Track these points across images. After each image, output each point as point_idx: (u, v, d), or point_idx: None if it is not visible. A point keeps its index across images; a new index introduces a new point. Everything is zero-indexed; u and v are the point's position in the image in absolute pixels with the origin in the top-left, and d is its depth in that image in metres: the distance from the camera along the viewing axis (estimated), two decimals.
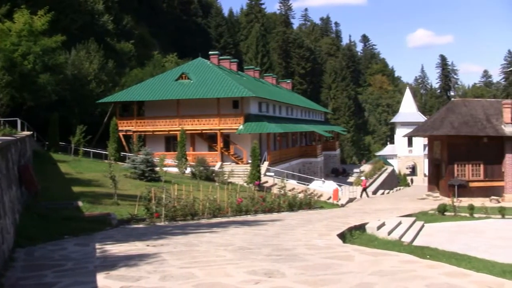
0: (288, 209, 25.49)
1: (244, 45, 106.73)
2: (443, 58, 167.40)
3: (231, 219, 18.97)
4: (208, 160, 40.62)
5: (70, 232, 12.39)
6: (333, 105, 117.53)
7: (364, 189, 46.97)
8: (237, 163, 45.75)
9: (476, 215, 29.57)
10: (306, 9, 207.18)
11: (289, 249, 9.91)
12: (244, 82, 52.63)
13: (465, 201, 38.03)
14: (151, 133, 47.81)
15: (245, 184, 34.28)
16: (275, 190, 33.58)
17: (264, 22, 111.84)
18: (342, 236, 13.39)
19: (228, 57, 62.51)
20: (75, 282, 6.60)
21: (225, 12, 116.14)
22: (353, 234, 15.08)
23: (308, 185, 43.91)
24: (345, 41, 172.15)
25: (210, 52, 57.25)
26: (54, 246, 10.06)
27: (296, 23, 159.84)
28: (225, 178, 34.21)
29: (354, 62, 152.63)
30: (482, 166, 44.62)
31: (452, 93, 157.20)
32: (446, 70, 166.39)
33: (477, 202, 37.71)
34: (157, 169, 32.55)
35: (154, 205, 16.79)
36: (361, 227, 17.01)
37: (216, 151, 46.57)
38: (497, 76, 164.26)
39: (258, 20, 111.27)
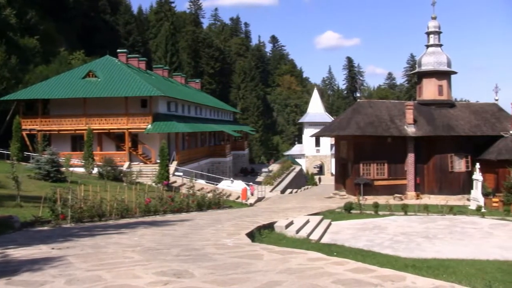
0: (197, 209, 25.46)
1: (153, 43, 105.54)
2: (349, 60, 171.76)
3: (140, 219, 18.75)
4: (115, 160, 39.98)
5: None
6: (242, 105, 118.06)
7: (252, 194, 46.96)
8: (146, 163, 45.25)
9: (380, 213, 30.61)
10: (216, 9, 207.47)
11: (198, 249, 9.93)
12: (153, 81, 52.09)
13: (370, 199, 39.31)
14: (56, 132, 46.41)
15: (153, 184, 33.95)
16: (184, 190, 33.44)
17: (174, 21, 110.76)
18: (251, 235, 13.52)
19: (137, 55, 61.62)
20: None
21: (134, 10, 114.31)
22: (262, 233, 15.26)
23: (217, 184, 43.99)
24: (254, 41, 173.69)
25: (118, 50, 56.23)
26: None
27: (206, 22, 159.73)
28: (133, 178, 33.78)
29: (263, 63, 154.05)
30: (386, 165, 46.11)
31: (358, 94, 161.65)
32: (353, 72, 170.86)
33: (382, 200, 39.10)
34: (63, 169, 31.68)
35: (59, 206, 16.32)
36: (270, 226, 17.22)
37: (124, 150, 45.86)
38: (400, 79, 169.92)
39: (167, 18, 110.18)
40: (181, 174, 42.67)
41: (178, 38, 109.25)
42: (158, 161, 39.25)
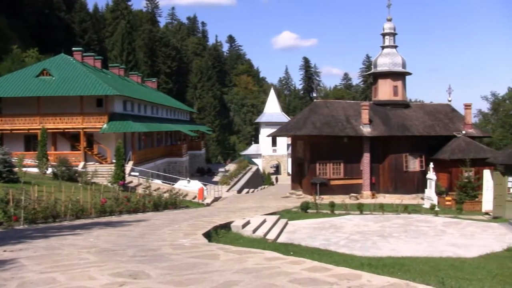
0: (153, 209, 25.29)
1: (109, 42, 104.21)
2: (306, 61, 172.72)
3: (95, 220, 18.51)
4: (70, 160, 39.36)
5: None
6: (198, 105, 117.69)
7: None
8: (101, 163, 44.70)
9: (336, 212, 30.86)
10: (173, 8, 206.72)
11: (154, 249, 9.85)
12: (109, 80, 51.48)
13: (326, 199, 39.60)
14: (9, 131, 45.40)
15: (109, 184, 33.54)
16: (140, 190, 33.17)
17: (130, 20, 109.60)
18: (208, 235, 13.49)
19: (93, 54, 60.81)
20: None
21: (90, 8, 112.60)
22: (219, 233, 15.24)
23: (173, 184, 43.75)
24: (211, 41, 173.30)
25: (73, 48, 55.42)
26: None
27: (163, 21, 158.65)
28: (89, 178, 33.36)
29: (220, 62, 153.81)
30: (342, 165, 46.58)
31: (314, 95, 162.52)
32: (309, 72, 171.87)
33: (338, 199, 39.44)
34: (16, 169, 31.06)
35: (12, 207, 15.99)
36: (227, 226, 17.21)
37: (79, 150, 45.21)
38: (356, 79, 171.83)
39: (124, 17, 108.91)
40: (137, 174, 42.32)
41: (135, 37, 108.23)
42: (114, 161, 38.82)
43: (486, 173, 34.30)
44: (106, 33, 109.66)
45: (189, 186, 44.25)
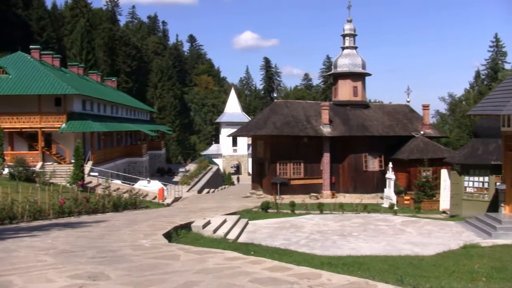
0: (113, 210, 25.07)
1: (68, 40, 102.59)
2: (267, 61, 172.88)
3: (53, 221, 18.27)
4: (28, 160, 38.72)
5: None
6: (159, 105, 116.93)
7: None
8: (60, 163, 44.06)
9: (297, 212, 30.98)
10: (133, 7, 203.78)
11: (114, 250, 9.77)
12: (68, 79, 50.75)
13: (287, 198, 39.72)
14: None
15: (68, 184, 33.08)
16: (99, 191, 32.84)
17: (90, 18, 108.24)
18: (168, 236, 13.45)
19: (51, 52, 59.72)
20: None
21: (48, 5, 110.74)
22: (179, 233, 15.19)
23: (133, 184, 43.40)
24: (172, 40, 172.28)
25: (31, 46, 54.38)
26: None
27: (123, 20, 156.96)
28: (47, 178, 32.82)
29: (180, 62, 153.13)
30: (302, 165, 46.83)
31: (275, 95, 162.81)
32: (270, 72, 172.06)
33: (298, 199, 39.58)
34: None
35: None
36: (187, 226, 17.17)
37: (37, 150, 44.48)
38: (317, 79, 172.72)
39: (83, 15, 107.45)
40: (96, 174, 41.85)
41: (94, 35, 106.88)
42: (73, 161, 38.29)
43: (444, 173, 34.85)
44: (65, 31, 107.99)
45: (149, 186, 43.93)
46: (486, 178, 29.75)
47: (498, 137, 27.34)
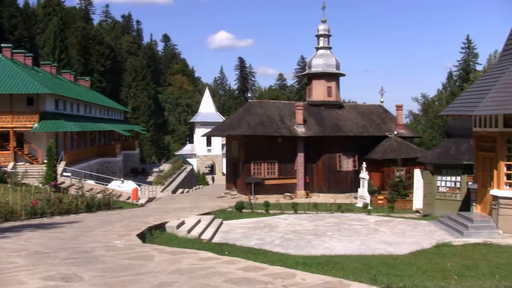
0: (86, 210, 24.87)
1: (40, 39, 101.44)
2: (241, 61, 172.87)
3: (26, 222, 18.06)
4: None
5: None
6: (133, 104, 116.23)
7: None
8: (32, 163, 43.57)
9: (271, 212, 31.00)
10: (107, 5, 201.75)
11: (87, 251, 9.70)
12: (40, 78, 50.19)
13: (261, 198, 39.73)
14: None
15: (40, 185, 32.75)
16: (72, 191, 32.57)
17: (63, 16, 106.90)
18: (142, 236, 13.39)
19: (23, 51, 58.98)
20: None
21: (20, 3, 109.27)
22: (153, 234, 15.13)
23: (107, 185, 43.10)
24: (146, 39, 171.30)
25: (2, 45, 53.61)
26: None
27: (96, 19, 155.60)
28: (19, 179, 32.52)
29: (154, 62, 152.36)
30: (277, 165, 46.92)
31: (249, 95, 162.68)
32: (244, 72, 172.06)
33: (272, 199, 39.62)
34: None
35: None
36: (161, 227, 17.11)
37: (9, 150, 43.93)
38: (291, 80, 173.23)
39: (56, 13, 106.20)
40: (69, 174, 41.47)
41: (67, 34, 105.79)
42: (46, 161, 37.89)
43: (417, 172, 35.15)
44: (37, 30, 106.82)
45: (123, 187, 43.68)
46: (458, 178, 30.08)
47: (470, 137, 27.67)
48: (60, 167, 41.80)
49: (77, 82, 76.01)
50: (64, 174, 41.47)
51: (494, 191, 21.41)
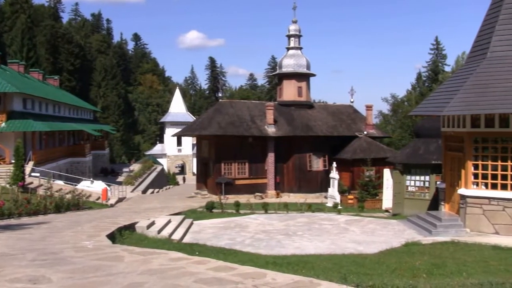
0: (55, 211, 24.62)
1: (8, 37, 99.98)
2: (212, 60, 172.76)
3: None
4: None
5: None
6: (102, 104, 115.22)
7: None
8: None
9: (242, 211, 31.03)
10: (76, 4, 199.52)
11: (56, 252, 9.58)
12: (7, 77, 49.48)
13: (231, 198, 39.79)
14: None
15: (8, 185, 32.31)
16: (41, 191, 32.17)
17: (31, 14, 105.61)
18: (112, 237, 13.29)
19: None
20: None
21: None
22: (123, 234, 15.04)
23: (76, 185, 42.71)
24: (116, 38, 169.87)
25: None
26: None
27: (66, 17, 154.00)
28: None
29: (125, 61, 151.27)
30: (247, 165, 46.96)
31: (220, 94, 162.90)
32: (215, 72, 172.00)
33: (243, 198, 39.68)
34: None
35: None
36: (131, 227, 17.01)
37: None
38: (261, 80, 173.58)
39: (24, 11, 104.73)
40: (38, 174, 40.97)
41: (36, 32, 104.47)
42: (13, 161, 37.39)
43: (386, 172, 35.47)
44: (4, 28, 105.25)
45: (92, 187, 43.32)
46: (427, 177, 30.42)
47: (438, 137, 28.01)
48: (28, 167, 41.27)
49: (45, 81, 75.12)
50: (33, 174, 40.96)
51: (461, 190, 21.71)
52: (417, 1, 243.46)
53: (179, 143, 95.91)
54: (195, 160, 69.27)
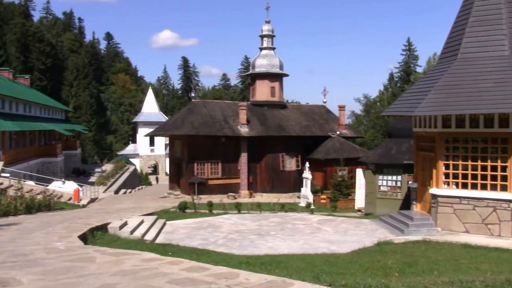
0: (26, 212, 24.30)
1: None
2: (185, 60, 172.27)
3: None
4: None
5: None
6: (74, 103, 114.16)
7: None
8: None
9: (215, 212, 30.99)
10: (48, 1, 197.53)
11: (26, 254, 9.48)
12: None
13: (205, 198, 39.74)
14: None
15: None
16: (11, 192, 31.74)
17: (1, 12, 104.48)
18: (84, 238, 13.19)
19: None
20: None
21: None
22: (95, 235, 14.94)
23: (47, 185, 42.25)
24: (88, 37, 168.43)
25: None
26: None
27: (36, 15, 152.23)
28: None
29: (97, 60, 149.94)
30: (220, 165, 46.89)
31: (193, 94, 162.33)
32: (188, 72, 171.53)
33: (216, 199, 39.68)
34: None
35: None
36: (103, 228, 16.90)
37: None
38: (235, 80, 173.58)
39: None
40: (8, 175, 40.40)
41: (6, 30, 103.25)
42: None
43: (359, 172, 35.73)
44: None
45: (64, 187, 42.88)
46: (399, 177, 30.73)
47: (410, 137, 28.30)
48: None
49: (16, 80, 74.21)
50: (2, 174, 40.42)
51: (433, 190, 21.95)
52: (390, 3, 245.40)
53: (151, 143, 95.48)
54: (168, 160, 69.04)
